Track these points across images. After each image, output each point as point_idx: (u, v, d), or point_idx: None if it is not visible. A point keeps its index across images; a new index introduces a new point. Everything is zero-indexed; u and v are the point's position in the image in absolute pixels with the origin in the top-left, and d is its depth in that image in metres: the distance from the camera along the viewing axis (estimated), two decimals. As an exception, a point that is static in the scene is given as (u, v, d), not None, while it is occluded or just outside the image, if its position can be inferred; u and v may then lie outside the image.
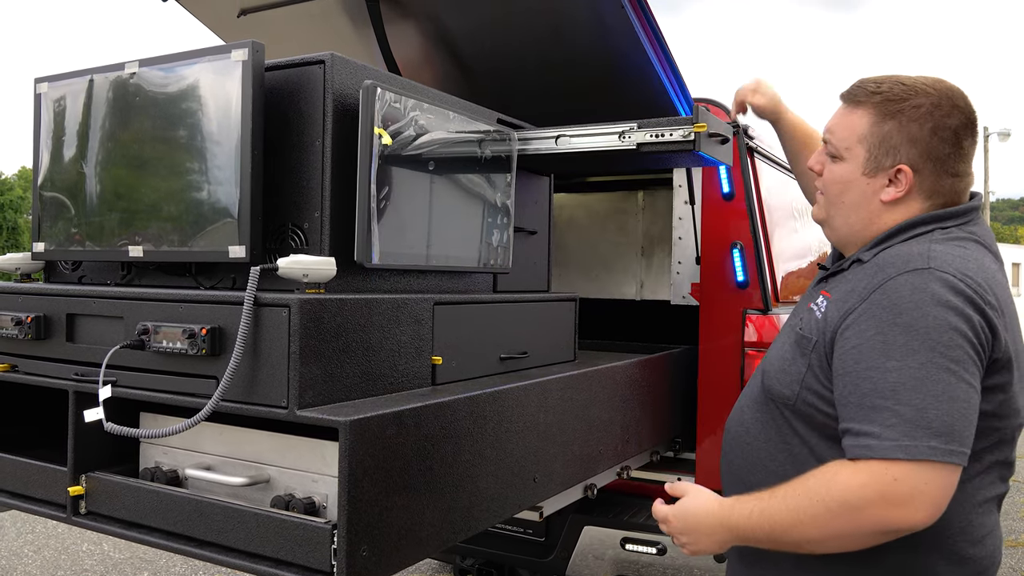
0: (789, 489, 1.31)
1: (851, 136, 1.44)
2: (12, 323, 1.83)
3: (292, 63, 1.66)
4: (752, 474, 1.50)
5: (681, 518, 1.43)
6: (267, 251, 1.66)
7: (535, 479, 1.87)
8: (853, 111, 1.45)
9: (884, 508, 1.21)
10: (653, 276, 4.13)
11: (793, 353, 1.44)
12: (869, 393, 1.26)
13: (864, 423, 1.25)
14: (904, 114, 1.39)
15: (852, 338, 1.31)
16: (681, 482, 1.50)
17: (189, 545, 1.56)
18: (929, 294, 1.26)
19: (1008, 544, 5.35)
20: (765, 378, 1.50)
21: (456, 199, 1.91)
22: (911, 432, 1.21)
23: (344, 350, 1.52)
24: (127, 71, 1.78)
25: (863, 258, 1.41)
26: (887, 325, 1.27)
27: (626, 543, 2.69)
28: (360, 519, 1.35)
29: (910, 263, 1.31)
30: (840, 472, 1.26)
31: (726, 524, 1.37)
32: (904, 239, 1.39)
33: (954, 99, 1.40)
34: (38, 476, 1.82)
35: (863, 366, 1.28)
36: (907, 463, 1.21)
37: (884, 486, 1.21)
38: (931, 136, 1.38)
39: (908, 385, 1.23)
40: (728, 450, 1.61)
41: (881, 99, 1.41)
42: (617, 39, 2.48)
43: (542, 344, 2.19)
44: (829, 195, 1.51)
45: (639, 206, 4.20)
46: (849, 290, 1.37)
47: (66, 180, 1.90)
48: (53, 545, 4.90)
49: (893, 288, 1.29)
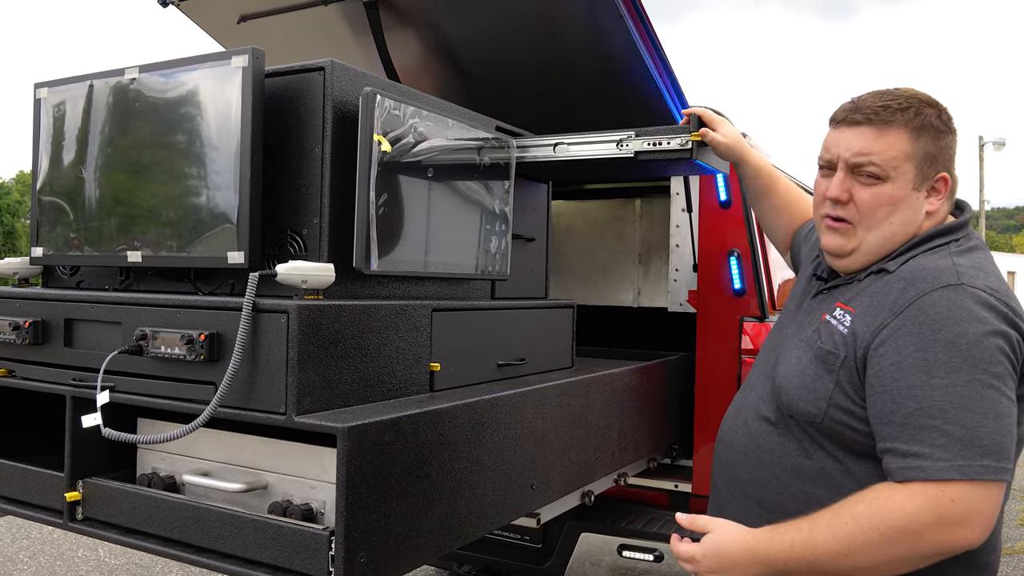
0: (834, 517, 1.27)
1: (897, 155, 1.41)
2: (10, 328, 1.83)
3: (292, 70, 1.66)
4: (764, 489, 1.46)
5: (713, 556, 1.35)
6: (266, 257, 1.66)
7: (532, 486, 1.87)
8: (885, 133, 1.42)
9: (942, 531, 1.20)
10: (650, 283, 4.13)
11: (816, 370, 1.40)
12: (915, 412, 1.24)
13: (912, 443, 1.23)
14: (931, 127, 1.42)
15: (890, 355, 1.29)
16: (700, 516, 1.43)
17: (186, 551, 1.55)
18: (967, 311, 1.27)
19: (1005, 552, 5.36)
20: (783, 395, 1.45)
21: (455, 206, 1.92)
22: (963, 452, 1.20)
23: (342, 356, 1.52)
24: (127, 76, 1.78)
25: (888, 268, 1.40)
26: (928, 342, 1.26)
27: (623, 550, 2.69)
28: (358, 525, 1.35)
29: (941, 278, 1.32)
30: (892, 497, 1.23)
31: (764, 559, 1.32)
32: (924, 251, 1.40)
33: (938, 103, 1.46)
34: (35, 482, 1.81)
35: (904, 384, 1.26)
36: (962, 483, 1.20)
37: (941, 508, 1.20)
38: (951, 141, 1.44)
39: (955, 403, 1.22)
40: (733, 463, 1.55)
41: (911, 115, 1.42)
42: (615, 47, 2.49)
43: (540, 351, 2.20)
44: (872, 218, 1.43)
45: (636, 213, 4.21)
46: (877, 304, 1.36)
47: (65, 185, 1.90)
48: (48, 551, 4.88)
49: (930, 304, 1.29)
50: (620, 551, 2.69)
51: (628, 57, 2.50)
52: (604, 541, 2.71)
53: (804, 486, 1.40)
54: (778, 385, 1.47)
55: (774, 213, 1.98)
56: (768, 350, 1.62)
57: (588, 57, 2.65)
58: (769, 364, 1.56)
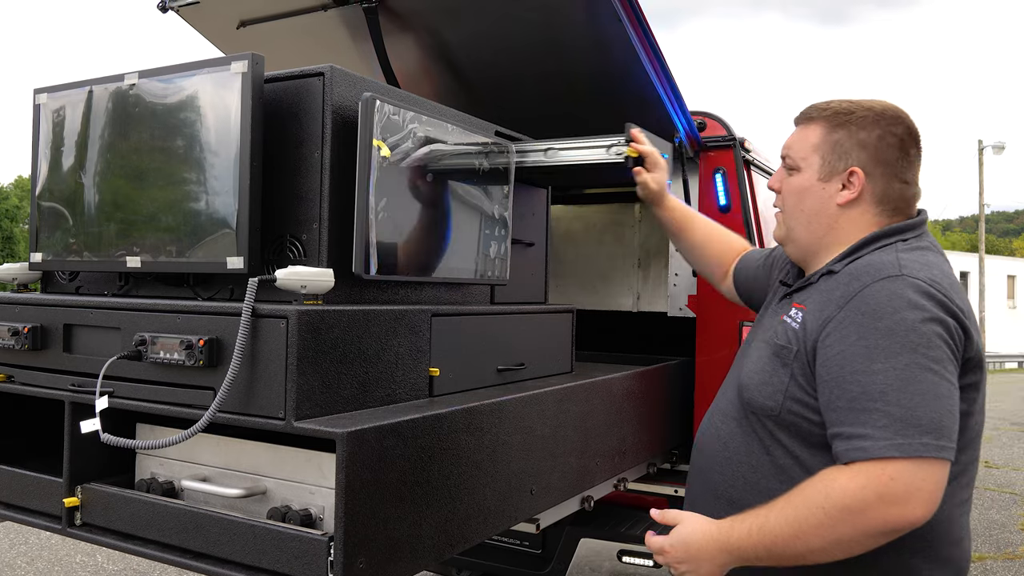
0: (786, 502, 1.32)
1: (806, 147, 1.54)
2: (9, 333, 1.83)
3: (292, 75, 1.67)
4: (732, 488, 1.51)
5: (680, 546, 1.42)
6: (265, 262, 1.66)
7: (532, 491, 1.87)
8: (807, 127, 1.56)
9: (884, 508, 1.24)
10: (650, 288, 4.13)
11: (773, 365, 1.47)
12: (858, 396, 1.30)
13: (855, 426, 1.29)
14: (853, 123, 1.50)
15: (834, 344, 1.36)
16: (671, 510, 1.50)
17: (185, 557, 1.55)
18: (905, 299, 1.33)
19: (1006, 556, 5.35)
20: (744, 391, 1.52)
21: (454, 211, 1.92)
22: (903, 431, 1.25)
23: (341, 361, 1.52)
24: (127, 82, 1.78)
25: (834, 269, 1.47)
26: (868, 330, 1.32)
27: (623, 555, 2.68)
28: (357, 531, 1.35)
29: (883, 271, 1.38)
30: (837, 478, 1.28)
31: (726, 547, 1.37)
32: (872, 250, 1.46)
33: (897, 112, 1.52)
34: (33, 487, 1.81)
35: (848, 370, 1.32)
36: (902, 461, 1.24)
37: (881, 486, 1.24)
38: (879, 141, 1.49)
39: (895, 386, 1.27)
40: (705, 466, 1.60)
41: (831, 113, 1.53)
42: (614, 52, 2.50)
43: (539, 356, 2.19)
44: (788, 207, 1.59)
45: (636, 218, 4.21)
46: (825, 300, 1.42)
47: (64, 190, 1.90)
48: (46, 556, 4.87)
49: (870, 295, 1.35)
50: (620, 556, 2.68)
51: (627, 62, 2.50)
52: (604, 546, 2.71)
53: (769, 483, 1.44)
54: (742, 383, 1.54)
55: (694, 250, 2.13)
56: (738, 356, 1.68)
57: (587, 62, 2.65)
58: (737, 368, 1.62)
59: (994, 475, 7.98)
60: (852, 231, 1.50)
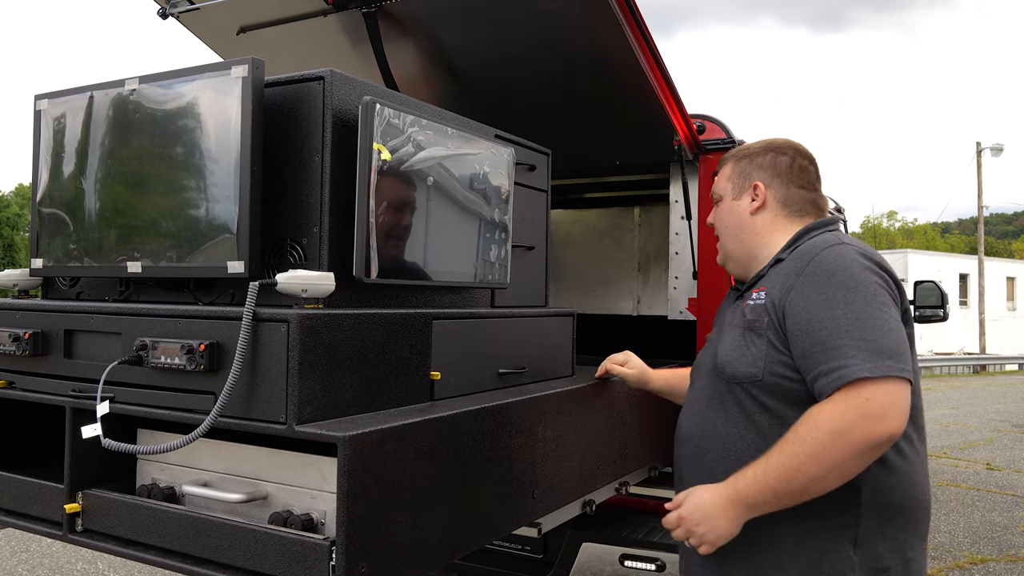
0: (782, 444, 1.53)
1: (721, 181, 1.91)
2: (10, 339, 1.83)
3: (292, 79, 1.67)
4: (725, 461, 1.67)
5: (694, 511, 1.60)
6: (266, 266, 1.66)
7: (534, 495, 1.87)
8: (721, 169, 1.93)
9: (866, 424, 1.45)
10: (650, 291, 4.13)
11: (748, 339, 1.68)
12: (828, 337, 1.53)
13: (831, 361, 1.51)
14: (751, 154, 1.88)
15: (799, 302, 1.60)
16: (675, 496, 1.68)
17: (186, 563, 1.54)
18: (851, 259, 1.61)
19: (1008, 559, 5.34)
20: (727, 367, 1.70)
21: (454, 214, 1.92)
22: (871, 357, 1.48)
23: (342, 365, 1.51)
24: (127, 88, 1.78)
25: (781, 257, 1.73)
26: (825, 285, 1.58)
27: (625, 559, 2.68)
28: (359, 535, 1.35)
29: (827, 243, 1.66)
30: (822, 409, 1.50)
31: (735, 498, 1.56)
32: (808, 238, 1.73)
33: (787, 140, 1.89)
34: (34, 493, 1.80)
35: (815, 319, 1.56)
36: (874, 382, 1.46)
37: (860, 406, 1.46)
38: (772, 161, 1.85)
39: (856, 324, 1.52)
40: (691, 452, 1.78)
41: (736, 153, 1.92)
42: (614, 56, 2.50)
43: (540, 359, 2.19)
44: (719, 231, 1.91)
45: (636, 222, 4.21)
46: (784, 275, 1.67)
47: (65, 196, 1.90)
48: (48, 564, 4.86)
49: (821, 260, 1.62)
50: (622, 560, 2.68)
51: (627, 66, 2.51)
52: (606, 551, 2.70)
53: (757, 446, 1.62)
54: (720, 363, 1.72)
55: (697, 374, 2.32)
56: (703, 352, 1.89)
57: (586, 66, 2.66)
58: (707, 357, 1.82)
59: (996, 477, 7.97)
60: (772, 233, 1.80)
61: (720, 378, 1.72)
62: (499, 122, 2.24)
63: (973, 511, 6.57)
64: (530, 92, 2.86)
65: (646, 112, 2.69)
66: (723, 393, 1.71)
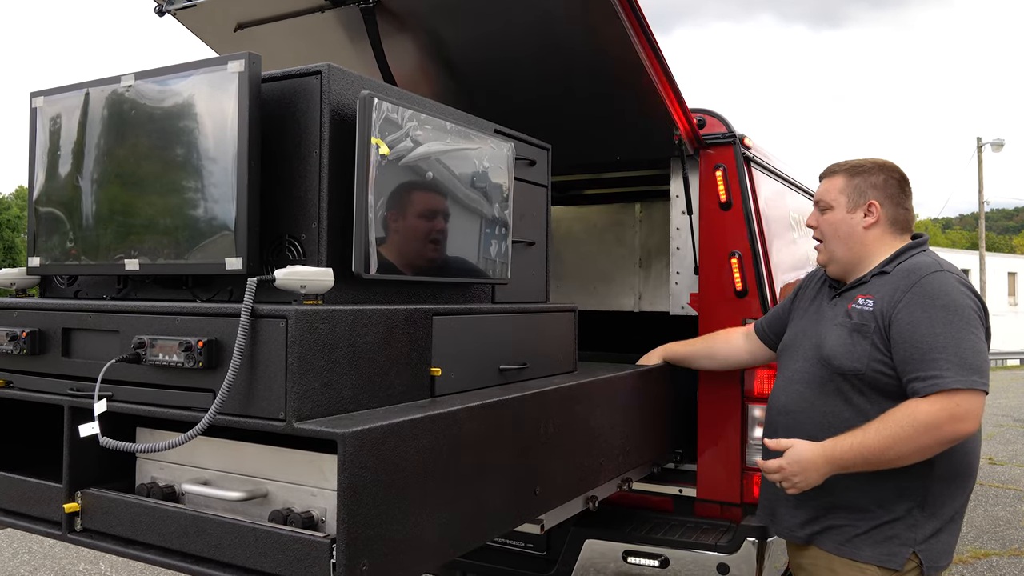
0: (880, 423, 1.89)
1: (834, 192, 2.17)
2: (7, 338, 1.82)
3: (289, 74, 1.65)
4: (823, 432, 2.00)
5: (795, 462, 1.96)
6: (264, 263, 1.65)
7: (536, 491, 1.86)
8: (831, 179, 2.20)
9: (952, 423, 1.85)
10: (651, 287, 4.12)
11: (855, 339, 2.02)
12: (928, 351, 1.89)
13: (930, 370, 1.88)
14: (865, 172, 2.16)
15: (905, 317, 1.95)
16: (782, 439, 2.02)
17: (186, 561, 1.54)
18: (952, 286, 1.97)
19: (1011, 553, 5.33)
20: (834, 360, 2.04)
21: (454, 210, 1.90)
22: (963, 372, 1.86)
23: (342, 362, 1.50)
24: (123, 84, 1.77)
25: (886, 270, 2.07)
26: (929, 307, 1.94)
27: (628, 556, 2.66)
28: (359, 533, 1.34)
29: (930, 267, 2.01)
30: (920, 405, 1.87)
31: (831, 459, 1.93)
32: (909, 256, 2.08)
33: (893, 163, 2.18)
34: (33, 493, 1.79)
35: (918, 335, 1.92)
36: (963, 392, 1.85)
37: (951, 408, 1.84)
38: (884, 182, 2.14)
39: (952, 343, 1.89)
40: (792, 424, 2.11)
41: (848, 167, 2.19)
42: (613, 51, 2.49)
43: (541, 355, 2.18)
44: (827, 236, 2.18)
45: (636, 217, 4.20)
46: (892, 289, 2.01)
47: (62, 194, 1.89)
48: (49, 565, 4.85)
49: (928, 283, 1.97)
50: (625, 557, 2.66)
51: (626, 61, 2.49)
52: (609, 547, 2.69)
53: (850, 425, 1.96)
54: (826, 356, 2.07)
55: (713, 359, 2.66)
56: (795, 333, 2.24)
57: (586, 60, 2.64)
58: (808, 343, 2.15)
59: (998, 471, 7.96)
60: (879, 246, 2.12)
61: (825, 366, 2.07)
62: (499, 118, 2.23)
63: (976, 506, 6.56)
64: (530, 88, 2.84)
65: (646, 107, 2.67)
66: (825, 379, 2.07)
